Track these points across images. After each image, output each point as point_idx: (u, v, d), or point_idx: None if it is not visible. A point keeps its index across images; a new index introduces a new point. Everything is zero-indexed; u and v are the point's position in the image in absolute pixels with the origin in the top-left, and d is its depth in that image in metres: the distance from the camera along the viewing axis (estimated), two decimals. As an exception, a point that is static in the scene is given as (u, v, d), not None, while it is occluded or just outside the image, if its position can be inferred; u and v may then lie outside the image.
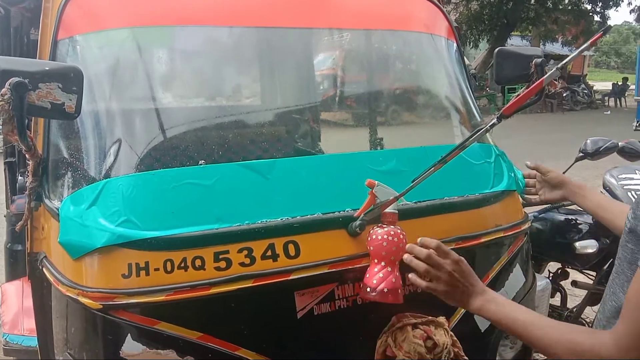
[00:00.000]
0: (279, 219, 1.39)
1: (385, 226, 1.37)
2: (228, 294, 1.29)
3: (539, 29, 22.50)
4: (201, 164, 1.52)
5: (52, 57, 1.54)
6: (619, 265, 1.09)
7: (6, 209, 2.92)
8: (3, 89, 1.18)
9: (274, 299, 1.36)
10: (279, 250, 1.36)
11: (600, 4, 22.86)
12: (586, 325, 2.66)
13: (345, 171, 1.58)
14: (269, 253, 1.35)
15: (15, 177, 2.69)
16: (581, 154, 2.61)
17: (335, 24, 1.99)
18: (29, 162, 1.44)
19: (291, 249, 1.37)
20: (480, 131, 1.31)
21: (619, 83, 23.40)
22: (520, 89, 1.38)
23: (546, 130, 14.01)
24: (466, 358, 1.46)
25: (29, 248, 1.56)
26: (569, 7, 22.38)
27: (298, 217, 1.41)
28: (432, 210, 1.55)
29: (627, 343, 0.94)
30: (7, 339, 2.02)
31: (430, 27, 2.05)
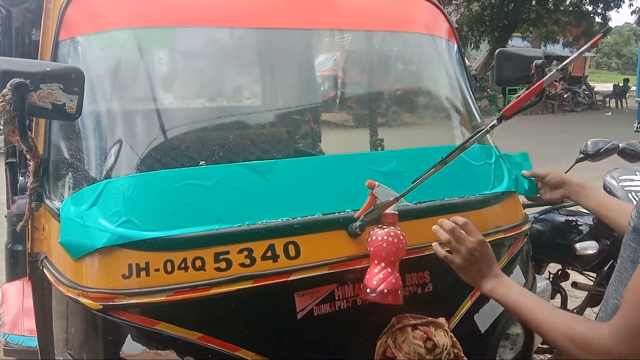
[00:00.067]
0: (280, 220, 1.39)
1: (385, 227, 1.37)
2: (228, 295, 1.29)
3: (540, 30, 22.49)
4: (202, 165, 1.52)
5: (54, 58, 1.54)
6: (622, 263, 1.10)
7: (7, 210, 2.92)
8: (4, 90, 1.18)
9: (274, 300, 1.36)
10: (279, 250, 1.36)
11: (601, 5, 22.86)
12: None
13: (345, 172, 1.58)
14: (269, 254, 1.35)
15: (16, 178, 2.69)
16: (582, 155, 2.61)
17: (336, 25, 1.99)
18: (30, 163, 1.44)
19: (291, 250, 1.37)
20: (480, 132, 1.31)
21: (620, 84, 23.39)
22: (521, 90, 1.38)
23: (547, 131, 14.00)
24: (466, 359, 1.46)
25: (30, 248, 1.56)
26: (570, 9, 22.36)
27: (298, 218, 1.41)
28: (433, 211, 1.55)
29: (623, 335, 0.96)
30: (8, 339, 2.02)
31: (430, 28, 2.05)
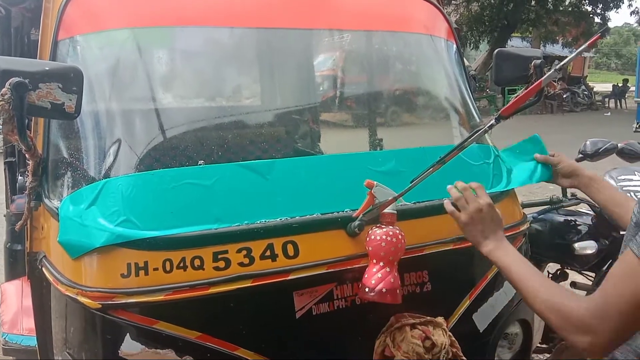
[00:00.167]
0: (278, 219, 1.40)
1: (384, 226, 1.37)
2: (227, 294, 1.29)
3: (540, 31, 22.50)
4: (200, 164, 1.52)
5: (53, 58, 1.54)
6: None
7: (6, 209, 2.92)
8: (3, 89, 1.18)
9: (273, 299, 1.36)
10: (278, 250, 1.36)
11: (600, 6, 22.85)
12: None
13: (344, 172, 1.58)
14: (268, 253, 1.35)
15: (15, 177, 2.69)
16: (580, 155, 2.61)
17: (335, 25, 1.99)
18: (29, 162, 1.44)
19: (290, 249, 1.37)
20: (479, 132, 1.31)
21: (619, 84, 23.37)
22: (520, 90, 1.38)
23: (546, 131, 13.89)
24: (464, 358, 1.46)
25: (29, 248, 1.56)
26: (570, 9, 22.38)
27: (297, 218, 1.41)
28: (431, 210, 1.55)
29: (600, 308, 0.98)
30: (7, 339, 2.02)
31: (430, 29, 2.05)
